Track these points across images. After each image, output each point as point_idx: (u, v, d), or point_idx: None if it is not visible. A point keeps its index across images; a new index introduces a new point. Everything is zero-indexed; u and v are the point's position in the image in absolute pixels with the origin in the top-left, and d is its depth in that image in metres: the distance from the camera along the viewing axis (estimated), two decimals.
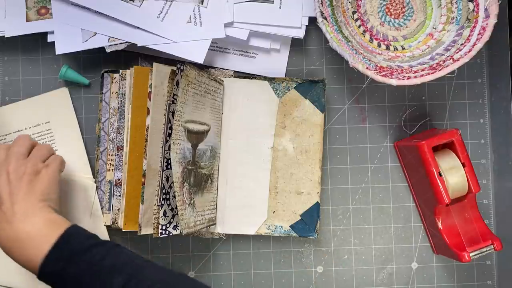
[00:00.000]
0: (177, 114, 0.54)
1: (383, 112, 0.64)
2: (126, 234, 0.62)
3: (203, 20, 0.60)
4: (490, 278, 0.64)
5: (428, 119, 0.64)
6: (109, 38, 0.59)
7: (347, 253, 0.64)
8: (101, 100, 0.60)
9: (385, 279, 0.64)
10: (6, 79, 0.64)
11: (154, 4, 0.60)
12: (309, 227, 0.61)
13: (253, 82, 0.62)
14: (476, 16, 0.58)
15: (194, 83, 0.56)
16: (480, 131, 0.64)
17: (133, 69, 0.57)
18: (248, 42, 0.62)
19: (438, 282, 0.64)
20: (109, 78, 0.60)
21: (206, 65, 0.62)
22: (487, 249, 0.56)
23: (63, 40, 0.60)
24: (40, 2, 0.61)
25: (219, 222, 0.62)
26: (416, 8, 0.63)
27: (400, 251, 0.64)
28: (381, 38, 0.63)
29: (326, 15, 0.59)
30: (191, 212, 0.55)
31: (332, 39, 0.57)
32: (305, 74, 0.64)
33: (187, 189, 0.55)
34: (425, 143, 0.56)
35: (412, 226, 0.64)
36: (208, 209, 0.60)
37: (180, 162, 0.54)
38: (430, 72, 0.55)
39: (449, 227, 0.59)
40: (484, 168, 0.64)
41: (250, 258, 0.63)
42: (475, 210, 0.59)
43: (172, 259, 0.63)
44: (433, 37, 0.62)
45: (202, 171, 0.59)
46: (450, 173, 0.56)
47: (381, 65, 0.58)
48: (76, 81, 0.63)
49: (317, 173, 0.61)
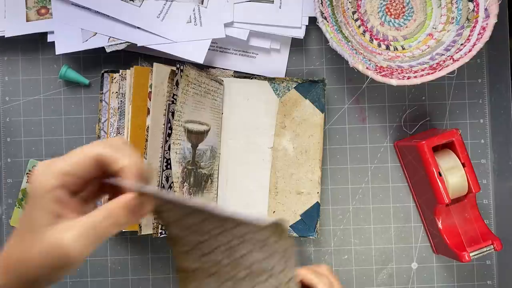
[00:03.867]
0: (177, 114, 0.54)
1: (383, 112, 0.64)
2: (126, 234, 0.62)
3: (203, 20, 0.60)
4: (490, 278, 0.64)
5: (428, 119, 0.64)
6: (109, 38, 0.59)
7: (347, 253, 0.64)
8: (101, 100, 0.60)
9: (385, 279, 0.64)
10: (6, 79, 0.64)
11: (154, 4, 0.60)
12: (309, 227, 0.61)
13: (253, 82, 0.62)
14: (476, 16, 0.58)
15: (194, 83, 0.56)
16: (480, 131, 0.64)
17: (133, 69, 0.57)
18: (248, 42, 0.62)
19: (438, 282, 0.64)
20: (109, 78, 0.60)
21: (206, 65, 0.62)
22: (487, 249, 0.56)
23: (63, 40, 0.60)
24: (40, 2, 0.61)
25: None
26: (416, 8, 0.63)
27: (400, 251, 0.64)
28: (381, 38, 0.63)
29: (326, 15, 0.59)
30: None
31: (332, 39, 0.57)
32: (305, 74, 0.64)
33: (187, 189, 0.55)
34: (425, 143, 0.56)
35: (412, 226, 0.64)
36: None
37: (180, 162, 0.54)
38: (430, 72, 0.55)
39: (449, 227, 0.59)
40: (484, 168, 0.64)
41: None
42: (475, 210, 0.59)
43: (172, 260, 0.63)
44: (433, 37, 0.62)
45: (202, 171, 0.59)
46: (450, 173, 0.56)
47: (381, 65, 0.58)
48: (76, 81, 0.63)
49: (317, 173, 0.61)
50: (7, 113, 0.64)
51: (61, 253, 0.32)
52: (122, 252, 0.63)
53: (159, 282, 0.63)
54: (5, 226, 0.63)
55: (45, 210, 0.33)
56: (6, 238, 0.63)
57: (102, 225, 0.33)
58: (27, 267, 0.33)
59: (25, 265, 0.33)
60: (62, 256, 0.32)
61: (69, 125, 0.63)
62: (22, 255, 0.33)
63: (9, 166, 0.63)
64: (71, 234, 0.32)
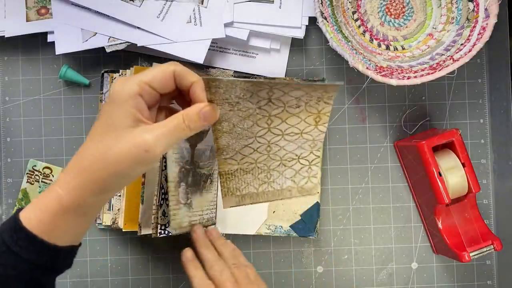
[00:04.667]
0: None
1: (383, 112, 0.64)
2: (126, 234, 0.62)
3: (203, 20, 0.60)
4: (490, 278, 0.64)
5: (428, 119, 0.64)
6: (109, 38, 0.59)
7: (347, 253, 0.64)
8: (101, 100, 0.60)
9: (385, 279, 0.64)
10: (6, 79, 0.64)
11: (154, 4, 0.60)
12: (309, 227, 0.61)
13: None
14: (476, 16, 0.58)
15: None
16: (480, 131, 0.64)
17: (133, 69, 0.57)
18: (248, 42, 0.62)
19: (438, 282, 0.64)
20: (109, 78, 0.60)
21: (206, 65, 0.62)
22: (487, 249, 0.56)
23: (63, 40, 0.60)
24: (40, 2, 0.61)
25: (219, 222, 0.62)
26: (416, 8, 0.63)
27: (400, 251, 0.64)
28: (381, 38, 0.63)
29: (326, 15, 0.59)
30: (186, 212, 0.55)
31: (332, 39, 0.57)
32: (305, 74, 0.64)
33: (183, 188, 0.55)
34: (425, 143, 0.56)
35: (412, 226, 0.64)
36: (207, 208, 0.60)
37: (177, 162, 0.54)
38: (430, 72, 0.55)
39: (449, 227, 0.59)
40: (484, 168, 0.64)
41: (250, 258, 0.63)
42: (475, 210, 0.59)
43: (172, 260, 0.63)
44: (433, 37, 0.62)
45: (202, 171, 0.59)
46: (450, 173, 0.56)
47: (381, 65, 0.58)
48: (76, 81, 0.63)
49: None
50: (7, 113, 0.64)
51: (144, 150, 0.37)
52: (122, 252, 0.63)
53: (159, 282, 0.63)
54: None
55: (127, 113, 0.38)
56: None
57: (179, 128, 0.39)
58: (108, 163, 0.37)
59: (106, 161, 0.37)
60: (144, 153, 0.37)
61: (69, 125, 0.63)
62: (102, 154, 0.38)
63: (9, 166, 0.63)
64: (152, 135, 0.37)
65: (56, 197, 0.38)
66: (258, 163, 0.52)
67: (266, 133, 0.50)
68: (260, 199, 0.53)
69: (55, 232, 0.39)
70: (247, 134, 0.49)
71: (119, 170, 0.38)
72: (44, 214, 0.38)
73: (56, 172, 0.62)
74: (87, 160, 0.38)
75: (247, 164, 0.51)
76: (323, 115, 0.49)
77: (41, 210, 0.39)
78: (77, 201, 0.38)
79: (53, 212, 0.38)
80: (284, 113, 0.48)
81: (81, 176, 0.38)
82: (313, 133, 0.50)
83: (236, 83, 0.43)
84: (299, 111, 0.48)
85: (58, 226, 0.39)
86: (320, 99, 0.47)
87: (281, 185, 0.53)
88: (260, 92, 0.46)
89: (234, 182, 0.52)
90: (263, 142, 0.50)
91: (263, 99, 0.46)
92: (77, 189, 0.38)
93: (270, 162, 0.52)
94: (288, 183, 0.53)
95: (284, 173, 0.52)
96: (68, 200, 0.38)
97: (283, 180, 0.53)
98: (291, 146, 0.51)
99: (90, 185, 0.38)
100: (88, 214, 0.40)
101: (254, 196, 0.52)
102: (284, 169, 0.52)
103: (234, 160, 0.51)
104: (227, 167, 0.51)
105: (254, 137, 0.50)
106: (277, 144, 0.51)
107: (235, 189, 0.52)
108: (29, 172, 0.63)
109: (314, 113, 0.49)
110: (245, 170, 0.51)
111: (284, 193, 0.53)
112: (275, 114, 0.48)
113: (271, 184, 0.53)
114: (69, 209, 0.38)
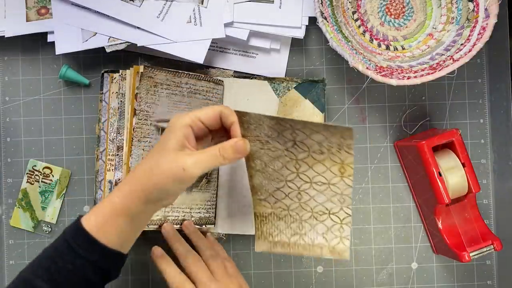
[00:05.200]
0: (142, 113, 0.56)
1: (383, 112, 0.64)
2: None
3: (203, 20, 0.60)
4: (490, 278, 0.64)
5: (428, 119, 0.64)
6: (109, 38, 0.59)
7: None
8: (101, 100, 0.60)
9: (385, 279, 0.64)
10: (6, 79, 0.64)
11: (154, 4, 0.60)
12: None
13: (253, 82, 0.62)
14: (476, 16, 0.58)
15: (166, 84, 0.57)
16: (480, 131, 0.64)
17: (133, 69, 0.57)
18: (248, 42, 0.62)
19: (438, 282, 0.64)
20: (109, 78, 0.60)
21: (206, 65, 0.62)
22: (487, 249, 0.56)
23: (63, 40, 0.60)
24: (40, 2, 0.61)
25: (219, 222, 0.62)
26: (416, 8, 0.63)
27: (400, 251, 0.64)
28: (381, 38, 0.63)
29: (326, 15, 0.59)
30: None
31: (332, 39, 0.57)
32: (305, 74, 0.64)
33: None
34: (425, 143, 0.56)
35: (412, 226, 0.64)
36: (200, 207, 0.60)
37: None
38: (430, 72, 0.55)
39: (449, 227, 0.59)
40: (484, 168, 0.64)
41: (250, 258, 0.63)
42: (475, 210, 0.59)
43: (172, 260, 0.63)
44: (433, 37, 0.62)
45: None
46: (450, 173, 0.56)
47: (381, 65, 0.58)
48: (76, 81, 0.63)
49: None
50: (7, 113, 0.64)
51: (181, 170, 0.44)
52: None
53: (159, 282, 0.63)
54: (5, 226, 0.63)
55: (177, 139, 0.46)
56: (6, 238, 0.63)
57: (215, 155, 0.46)
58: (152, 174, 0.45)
59: (151, 173, 0.45)
60: (182, 172, 0.44)
61: (69, 125, 0.63)
62: (149, 168, 0.45)
63: (9, 166, 0.63)
64: (191, 159, 0.45)
65: (110, 202, 0.46)
66: (290, 211, 0.52)
67: (295, 177, 0.50)
68: (291, 251, 0.53)
69: (107, 233, 0.45)
70: (278, 177, 0.51)
71: (160, 183, 0.45)
72: (99, 217, 0.45)
73: (56, 172, 0.62)
74: (138, 173, 0.46)
75: (280, 209, 0.52)
76: (347, 167, 0.49)
77: (98, 213, 0.46)
78: (126, 205, 0.45)
79: (107, 214, 0.45)
80: (310, 159, 0.49)
81: (131, 184, 0.46)
82: (340, 186, 0.50)
83: (262, 118, 0.47)
84: (323, 158, 0.49)
85: (109, 228, 0.45)
86: (340, 147, 0.47)
87: (312, 240, 0.52)
88: (285, 132, 0.48)
89: (267, 226, 0.53)
90: (293, 188, 0.51)
91: (289, 141, 0.48)
92: (127, 196, 0.45)
93: (302, 212, 0.52)
94: (320, 239, 0.52)
95: (315, 227, 0.52)
96: (118, 203, 0.45)
97: (314, 235, 0.52)
98: (321, 197, 0.51)
99: (136, 193, 0.45)
100: (134, 221, 0.46)
101: (285, 246, 0.53)
102: (316, 222, 0.52)
103: (268, 203, 0.52)
104: (262, 209, 0.53)
105: (284, 181, 0.51)
106: (307, 193, 0.51)
107: (268, 234, 0.53)
108: (29, 172, 0.63)
109: (338, 163, 0.49)
110: (278, 215, 0.53)
111: (315, 249, 0.52)
112: (302, 158, 0.49)
113: (303, 237, 0.52)
114: (119, 212, 0.45)
